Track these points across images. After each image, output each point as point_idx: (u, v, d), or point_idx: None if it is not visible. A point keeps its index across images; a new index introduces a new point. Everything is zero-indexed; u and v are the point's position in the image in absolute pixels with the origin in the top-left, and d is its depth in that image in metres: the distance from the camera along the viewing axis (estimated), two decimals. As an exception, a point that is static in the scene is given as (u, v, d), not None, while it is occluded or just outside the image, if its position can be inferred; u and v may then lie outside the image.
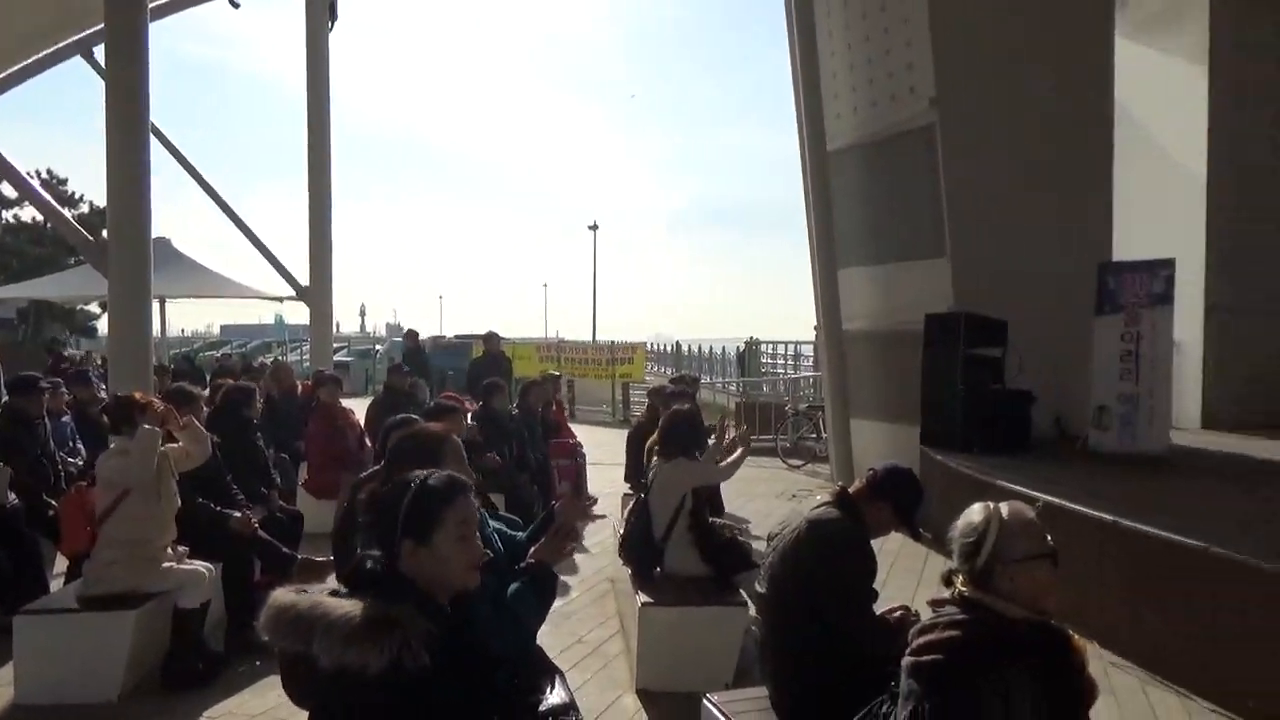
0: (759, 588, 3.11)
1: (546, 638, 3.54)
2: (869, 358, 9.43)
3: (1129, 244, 9.30)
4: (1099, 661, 4.37)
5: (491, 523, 3.08)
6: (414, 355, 13.47)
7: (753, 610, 3.38)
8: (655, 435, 5.05)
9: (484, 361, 11.36)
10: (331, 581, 1.95)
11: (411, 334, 15.04)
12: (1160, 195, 10.23)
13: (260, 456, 6.04)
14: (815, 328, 11.83)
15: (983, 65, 8.37)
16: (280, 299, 17.98)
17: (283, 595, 1.80)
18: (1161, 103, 10.42)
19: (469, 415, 6.91)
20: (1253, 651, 3.90)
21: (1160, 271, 7.52)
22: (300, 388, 9.13)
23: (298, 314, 22.87)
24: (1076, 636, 2.15)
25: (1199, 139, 10.03)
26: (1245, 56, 10.00)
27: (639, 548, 4.70)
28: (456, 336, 21.99)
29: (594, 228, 47.35)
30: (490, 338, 11.63)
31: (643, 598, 4.33)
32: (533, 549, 2.61)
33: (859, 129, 9.40)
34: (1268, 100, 10.15)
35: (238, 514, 4.91)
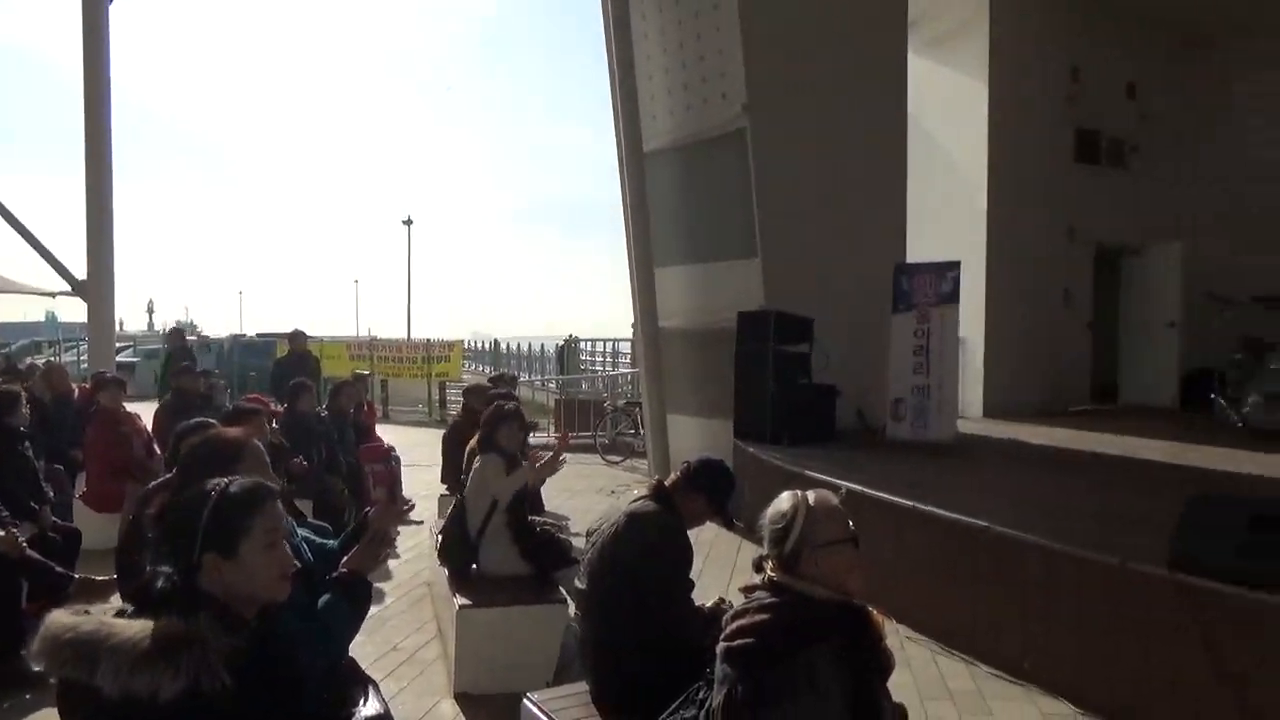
0: (579, 584, 3.13)
1: (359, 647, 3.41)
2: (685, 355, 9.70)
3: (922, 246, 10.08)
4: (896, 635, 4.71)
5: (300, 531, 2.94)
6: (181, 356, 12.15)
7: (573, 607, 3.40)
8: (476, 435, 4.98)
9: (289, 361, 10.78)
10: (116, 601, 1.80)
11: (176, 333, 13.63)
12: (948, 201, 11.13)
13: (29, 467, 5.48)
14: (633, 325, 12.06)
15: (790, 75, 8.80)
16: (53, 294, 16.32)
17: (60, 618, 1.64)
18: (948, 115, 11.32)
19: (273, 418, 6.56)
20: (1026, 619, 4.32)
21: (948, 273, 8.17)
22: (77, 391, 8.36)
23: (73, 311, 20.94)
24: (876, 613, 2.29)
25: (981, 148, 10.97)
26: (1020, 72, 11.05)
27: (456, 548, 4.64)
28: (259, 335, 20.78)
29: (408, 222, 46.04)
30: (295, 336, 11.05)
31: (461, 600, 4.27)
32: (345, 557, 2.51)
33: (675, 131, 9.65)
34: (1039, 112, 11.27)
35: (1, 533, 4.43)
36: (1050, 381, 11.36)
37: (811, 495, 2.31)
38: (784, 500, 2.33)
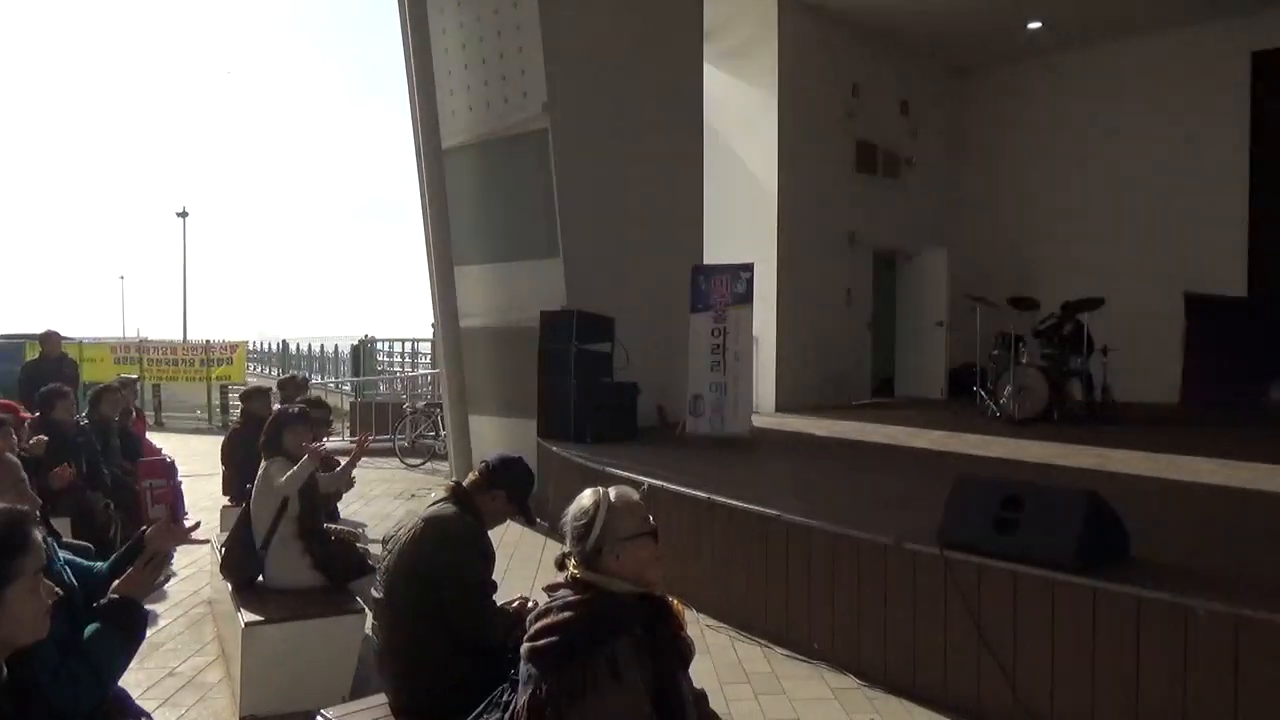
0: (376, 593, 3.03)
1: (131, 676, 3.14)
2: (487, 355, 9.60)
3: (719, 249, 10.49)
4: (696, 624, 4.87)
5: (61, 553, 2.66)
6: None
7: (370, 617, 3.29)
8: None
9: (40, 365, 9.73)
10: None
11: None
12: (743, 205, 11.63)
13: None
14: (433, 325, 11.78)
15: (590, 77, 8.89)
16: None
17: None
18: (742, 124, 11.83)
19: (23, 428, 5.93)
20: (813, 601, 4.60)
21: (742, 274, 8.54)
22: None
23: None
24: (676, 603, 2.37)
25: (771, 157, 11.54)
26: (805, 87, 11.71)
27: (241, 560, 4.36)
28: (4, 336, 18.62)
29: (183, 214, 42.71)
30: (48, 338, 9.98)
31: (247, 616, 4.01)
32: (116, 582, 2.30)
33: (475, 128, 9.52)
34: (823, 125, 12.00)
35: None
36: (835, 377, 12.13)
37: (613, 491, 2.35)
38: (585, 497, 2.36)
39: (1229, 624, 3.18)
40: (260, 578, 4.37)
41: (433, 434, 11.85)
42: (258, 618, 4.01)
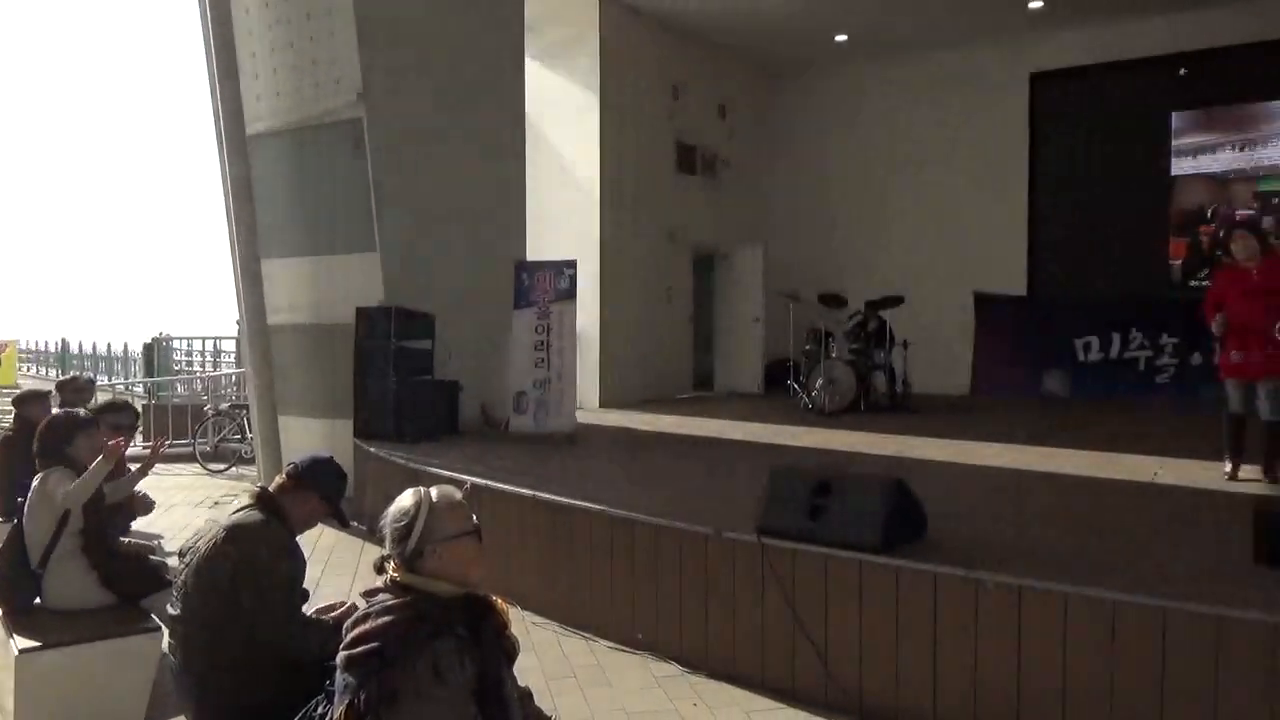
0: (172, 609, 2.82)
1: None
2: (298, 352, 9.14)
3: (543, 245, 10.47)
4: (521, 622, 4.83)
5: None
6: None
7: (167, 636, 3.05)
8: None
9: None
10: None
11: None
12: (566, 202, 11.64)
13: None
14: (237, 322, 11.12)
15: (409, 68, 8.63)
16: None
17: None
18: (566, 121, 11.85)
19: None
20: (637, 593, 4.67)
21: (565, 270, 8.55)
22: None
23: None
24: (500, 602, 2.34)
25: (594, 154, 11.62)
26: (626, 86, 11.87)
27: (14, 581, 3.93)
28: None
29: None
30: None
31: (21, 642, 3.63)
32: None
33: (284, 114, 9.03)
34: (644, 124, 12.20)
35: None
36: (657, 373, 12.38)
37: (434, 491, 2.30)
38: (406, 498, 2.29)
39: (1013, 594, 3.48)
40: (38, 600, 3.96)
41: (238, 437, 11.17)
42: (33, 644, 3.63)
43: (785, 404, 11.03)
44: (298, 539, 2.96)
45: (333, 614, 2.94)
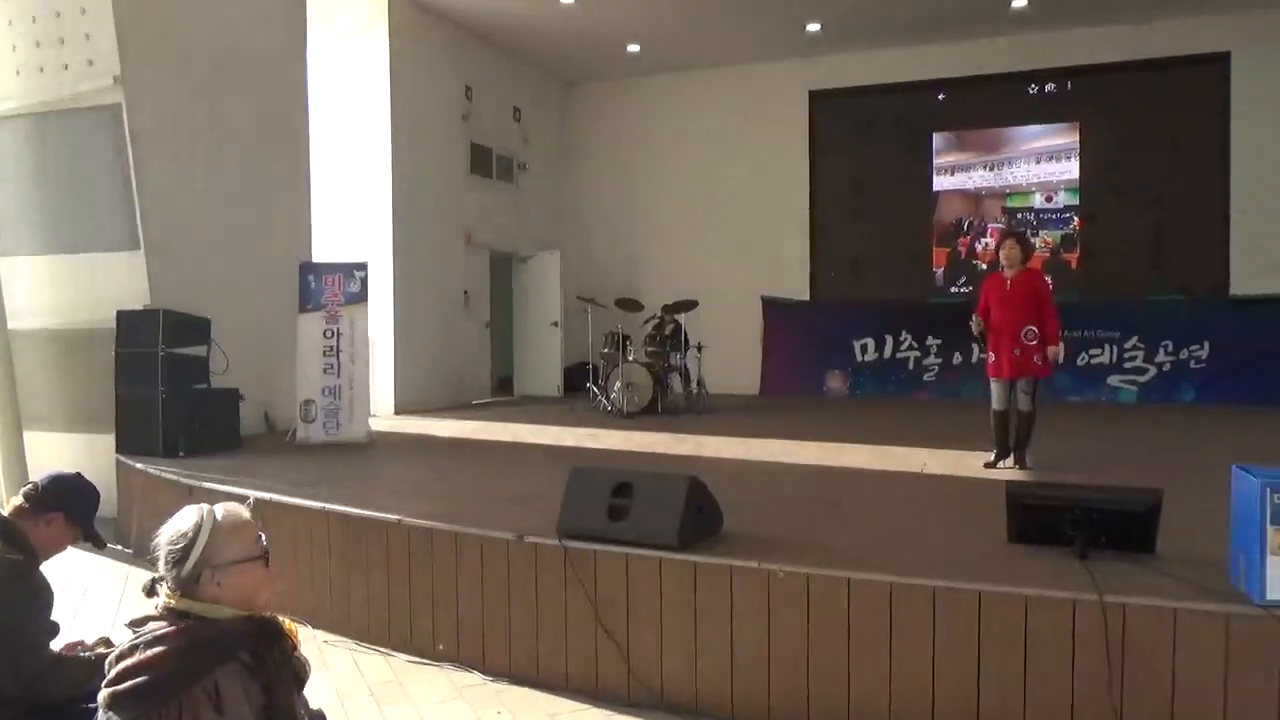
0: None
1: None
2: (46, 361, 8.24)
3: (332, 246, 10.01)
4: (313, 640, 4.60)
5: None
6: None
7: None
8: None
9: None
10: None
11: None
12: (358, 202, 11.19)
13: None
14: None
15: (175, 50, 8.01)
16: None
17: None
18: (355, 117, 11.37)
19: None
20: (437, 602, 4.55)
21: (356, 273, 8.23)
22: None
23: None
24: (288, 622, 2.21)
25: (385, 153, 11.23)
26: (418, 84, 11.57)
27: None
28: None
29: None
30: None
31: None
32: None
33: (25, 95, 8.11)
34: (437, 124, 11.94)
35: None
36: (455, 378, 12.15)
37: (218, 510, 2.15)
38: (185, 516, 2.13)
39: (801, 581, 3.69)
40: None
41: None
42: None
43: (585, 407, 11.15)
44: (44, 566, 2.68)
45: (91, 650, 2.68)
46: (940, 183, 13.35)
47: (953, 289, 13.15)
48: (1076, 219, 12.68)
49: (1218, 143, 11.91)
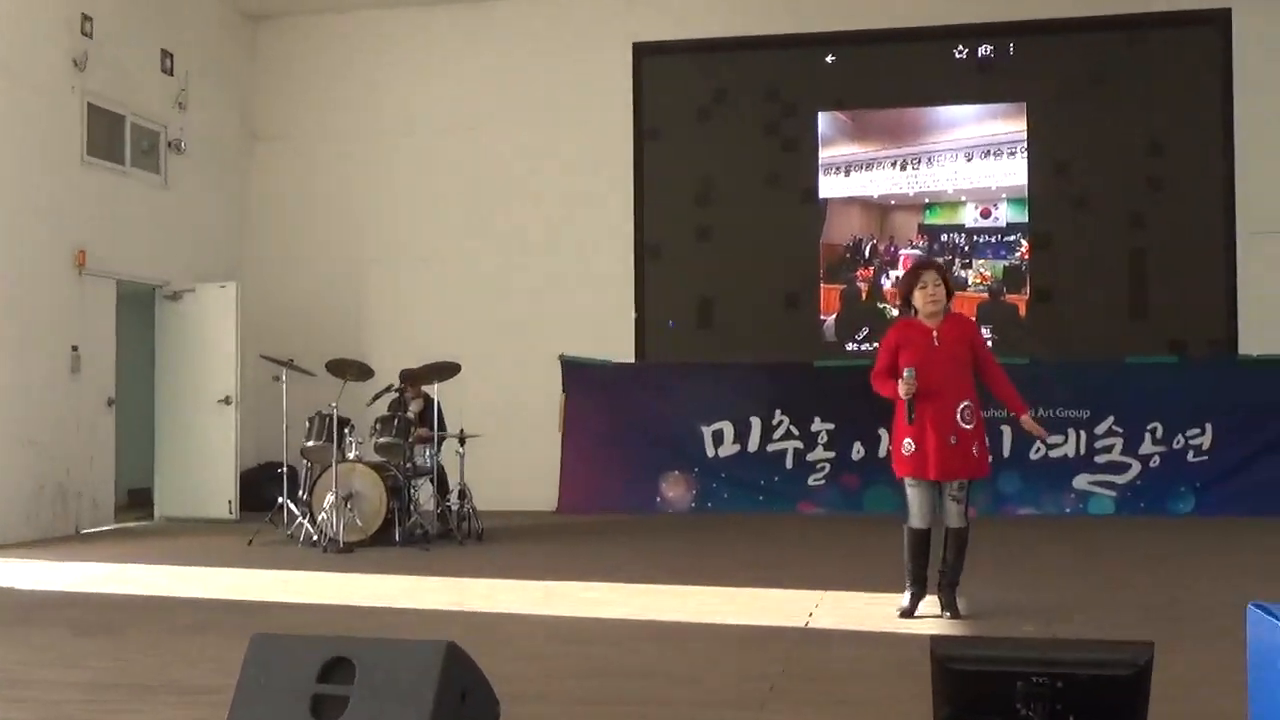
0: None
1: None
2: None
3: None
4: None
5: None
6: None
7: None
8: None
9: None
10: None
11: None
12: None
13: None
14: None
15: None
16: None
17: None
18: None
19: None
20: None
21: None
22: None
23: None
24: None
25: None
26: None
27: None
28: None
29: None
30: None
31: None
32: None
33: None
34: (27, 71, 11.46)
35: None
36: (52, 491, 11.55)
37: None
38: None
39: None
40: None
41: None
42: None
43: (275, 536, 10.78)
44: None
45: None
46: (829, 186, 13.70)
47: (849, 345, 13.49)
48: (1025, 243, 13.25)
49: (1219, 136, 12.66)
